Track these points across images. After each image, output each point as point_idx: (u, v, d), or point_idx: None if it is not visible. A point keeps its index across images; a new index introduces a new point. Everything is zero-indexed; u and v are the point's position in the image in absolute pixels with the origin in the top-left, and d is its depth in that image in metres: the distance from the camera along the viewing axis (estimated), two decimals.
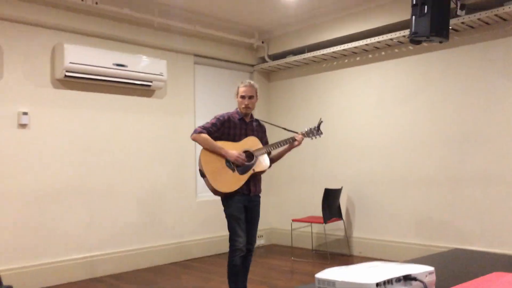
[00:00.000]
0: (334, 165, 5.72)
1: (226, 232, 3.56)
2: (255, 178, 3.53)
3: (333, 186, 5.57)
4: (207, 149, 3.42)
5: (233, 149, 3.42)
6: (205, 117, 5.74)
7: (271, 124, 3.98)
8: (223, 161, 3.41)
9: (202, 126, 3.45)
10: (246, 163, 3.43)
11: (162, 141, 5.29)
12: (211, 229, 5.67)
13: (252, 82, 3.61)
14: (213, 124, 3.46)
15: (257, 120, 3.69)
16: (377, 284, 1.21)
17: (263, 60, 6.32)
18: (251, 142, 3.52)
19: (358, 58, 5.52)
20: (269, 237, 6.38)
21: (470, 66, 4.60)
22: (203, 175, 3.40)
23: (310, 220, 5.30)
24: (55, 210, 4.42)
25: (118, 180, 4.88)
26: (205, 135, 3.41)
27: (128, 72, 4.73)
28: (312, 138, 3.65)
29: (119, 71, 4.66)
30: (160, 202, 5.24)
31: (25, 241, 4.22)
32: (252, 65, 6.33)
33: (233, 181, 3.40)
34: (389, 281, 1.25)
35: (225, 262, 5.13)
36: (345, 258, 5.33)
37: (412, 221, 4.99)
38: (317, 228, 5.84)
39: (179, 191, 5.42)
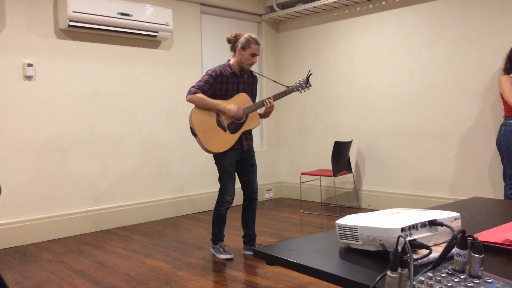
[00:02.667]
0: (344, 118, 5.63)
1: (235, 185, 3.60)
2: (247, 133, 3.58)
3: (343, 139, 5.51)
4: (202, 108, 3.40)
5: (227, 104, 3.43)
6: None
7: (262, 75, 4.00)
8: (215, 119, 3.42)
9: (196, 86, 3.41)
10: (237, 121, 3.48)
11: (169, 93, 5.20)
12: (217, 182, 5.66)
13: None
14: (206, 82, 3.41)
15: (250, 71, 3.62)
16: (402, 229, 1.16)
17: (271, 9, 6.10)
18: (242, 99, 3.51)
19: (371, 6, 5.30)
20: (278, 191, 6.39)
21: (490, 12, 4.39)
22: (194, 134, 3.41)
23: (320, 173, 5.27)
24: (63, 162, 4.41)
25: (125, 132, 4.84)
26: (200, 95, 3.38)
27: (132, 21, 4.58)
28: (301, 91, 3.60)
29: (123, 20, 4.51)
30: (168, 154, 5.21)
31: (33, 193, 4.24)
32: (260, 15, 6.12)
33: (225, 141, 3.45)
34: (414, 226, 1.20)
35: (233, 215, 5.18)
36: (355, 210, 5.34)
37: (423, 174, 4.94)
38: (326, 181, 5.82)
39: (188, 144, 5.38)
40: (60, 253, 3.85)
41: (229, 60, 3.55)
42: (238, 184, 3.66)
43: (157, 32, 4.83)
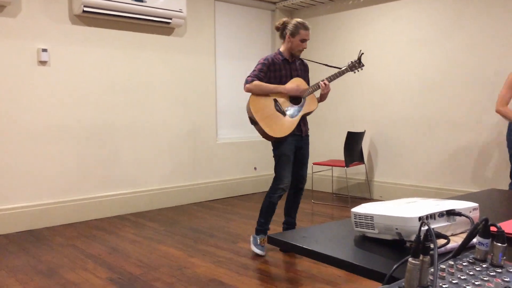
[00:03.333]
0: (357, 108, 5.58)
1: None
2: (304, 119, 3.54)
3: (356, 129, 5.47)
4: (260, 94, 3.36)
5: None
6: (225, 56, 5.64)
7: (313, 61, 3.91)
8: (273, 106, 3.38)
9: (252, 75, 3.38)
10: (296, 105, 3.43)
11: (182, 81, 5.20)
12: (231, 171, 5.69)
13: None
14: (260, 70, 3.38)
15: (300, 59, 3.58)
16: (420, 218, 1.14)
17: None
18: (297, 83, 3.45)
19: None
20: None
21: (508, 5, 4.30)
22: (254, 122, 3.36)
23: (332, 163, 5.25)
24: (76, 148, 4.44)
25: (138, 119, 4.86)
26: (256, 81, 3.34)
27: (146, 8, 4.57)
28: (355, 72, 3.54)
29: (137, 6, 4.50)
30: (181, 142, 5.22)
31: (46, 178, 4.28)
32: (275, 3, 6.06)
33: (286, 126, 3.38)
34: (432, 216, 1.18)
35: (245, 203, 5.20)
36: (366, 201, 5.32)
37: (436, 166, 4.89)
38: (338, 171, 5.80)
39: (200, 132, 5.38)
40: (73, 238, 3.89)
41: (279, 48, 3.52)
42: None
43: (170, 19, 4.81)
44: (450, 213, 1.21)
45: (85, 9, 4.23)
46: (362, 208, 1.33)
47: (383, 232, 1.23)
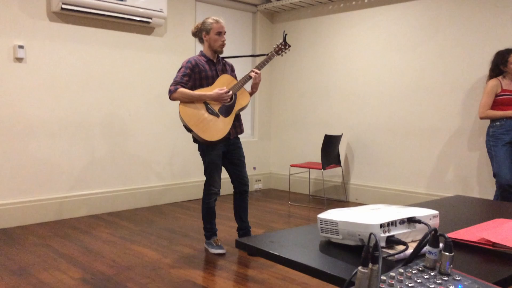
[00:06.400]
0: (335, 112, 5.66)
1: (225, 175, 3.59)
2: (238, 117, 3.51)
3: (333, 132, 5.54)
4: (187, 102, 3.30)
5: (210, 91, 3.34)
6: None
7: (235, 56, 3.90)
8: (204, 109, 3.32)
9: (174, 82, 3.31)
10: (227, 104, 3.38)
11: (161, 80, 5.18)
12: None
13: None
14: (183, 75, 3.32)
15: (223, 59, 3.56)
16: (381, 225, 1.19)
17: (267, 0, 6.09)
18: (225, 80, 3.42)
19: (366, 1, 5.30)
20: (267, 182, 6.42)
21: (481, 12, 4.42)
22: (188, 129, 3.32)
23: (309, 165, 5.31)
24: (51, 145, 4.40)
25: (115, 117, 4.83)
26: (180, 89, 3.27)
27: (126, 7, 4.55)
28: (282, 54, 3.55)
29: (117, 5, 4.48)
30: (158, 141, 5.21)
31: (21, 176, 4.23)
32: (256, 5, 6.10)
33: (221, 126, 3.34)
34: (393, 223, 1.23)
35: (224, 204, 5.21)
36: (342, 204, 5.39)
37: (411, 170, 5.00)
38: (315, 174, 5.86)
39: (178, 132, 5.38)
40: (47, 237, 3.86)
41: (201, 50, 3.50)
42: (225, 174, 3.66)
43: (150, 18, 4.80)
44: (411, 220, 1.26)
45: (64, 6, 4.19)
46: (328, 214, 1.37)
47: (346, 238, 1.27)
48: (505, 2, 4.28)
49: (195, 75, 3.35)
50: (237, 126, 3.52)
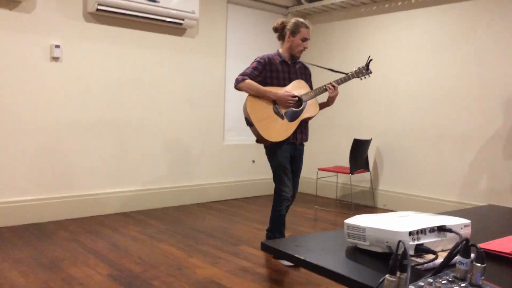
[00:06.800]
0: (365, 116, 5.58)
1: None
2: (302, 125, 3.39)
3: (362, 137, 5.47)
4: (253, 94, 3.22)
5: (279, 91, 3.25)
6: (236, 59, 5.67)
7: (316, 65, 3.73)
8: (271, 108, 3.24)
9: (243, 73, 3.25)
10: (295, 109, 3.29)
11: (191, 81, 5.24)
12: (237, 173, 5.72)
13: None
14: (254, 68, 3.25)
15: (300, 62, 3.46)
16: (410, 233, 1.16)
17: (298, 2, 6.07)
18: (298, 86, 3.33)
19: (399, 3, 5.22)
20: None
21: None
22: (250, 123, 3.23)
23: (337, 170, 5.26)
24: (84, 144, 4.50)
25: (147, 117, 4.91)
26: (248, 80, 3.21)
27: (159, 8, 4.62)
28: (361, 78, 3.44)
29: (151, 6, 4.56)
30: (188, 142, 5.27)
31: (54, 173, 4.34)
32: (287, 7, 6.09)
33: (283, 129, 3.25)
34: (423, 231, 1.20)
35: (249, 206, 5.22)
36: (370, 210, 5.32)
37: (442, 178, 4.88)
38: (343, 178, 5.80)
39: (207, 133, 5.42)
40: (77, 233, 3.95)
41: (278, 49, 3.39)
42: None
43: (183, 19, 4.86)
44: (441, 229, 1.23)
45: (99, 7, 4.29)
46: (355, 220, 1.35)
47: (374, 244, 1.25)
48: None
49: (266, 73, 3.27)
50: (304, 133, 3.44)
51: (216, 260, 3.34)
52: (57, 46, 4.24)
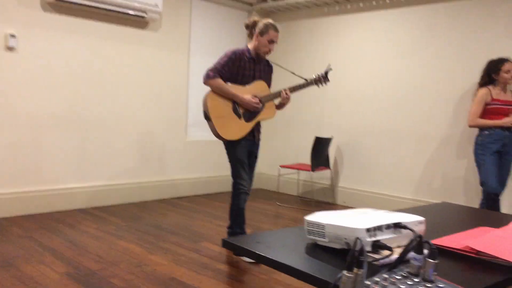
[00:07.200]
0: (327, 114, 5.67)
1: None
2: (258, 124, 3.51)
3: (323, 135, 5.55)
4: (218, 93, 3.30)
5: (243, 93, 3.33)
6: (199, 54, 5.63)
7: (280, 66, 3.80)
8: (230, 106, 3.33)
9: (214, 69, 3.28)
10: (252, 110, 3.40)
11: (154, 76, 5.16)
12: (199, 169, 5.69)
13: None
14: (224, 65, 3.29)
15: (266, 60, 3.52)
16: (367, 230, 1.19)
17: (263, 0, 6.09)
18: (259, 87, 3.42)
19: (361, 4, 5.32)
20: (255, 182, 6.38)
21: (476, 21, 4.46)
22: (208, 118, 3.30)
23: (298, 167, 5.32)
24: (40, 138, 4.36)
25: (110, 112, 4.80)
26: (219, 80, 3.27)
27: (121, 0, 4.52)
28: (319, 86, 3.55)
29: None
30: (150, 137, 5.19)
31: (8, 167, 4.18)
32: (251, 4, 6.10)
33: (239, 129, 3.36)
34: (379, 228, 1.23)
35: (212, 202, 5.21)
36: (330, 206, 5.41)
37: (399, 176, 5.03)
38: (304, 175, 5.88)
39: (170, 129, 5.36)
40: (32, 229, 3.82)
41: (247, 45, 3.43)
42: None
43: (145, 12, 4.78)
44: (397, 226, 1.27)
45: None
46: (315, 217, 1.37)
47: (333, 241, 1.28)
48: (500, 12, 4.33)
49: (234, 69, 3.32)
50: (259, 130, 3.57)
51: (177, 257, 3.31)
52: (13, 36, 4.07)
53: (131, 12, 4.67)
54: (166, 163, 5.38)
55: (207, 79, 3.29)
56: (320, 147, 5.17)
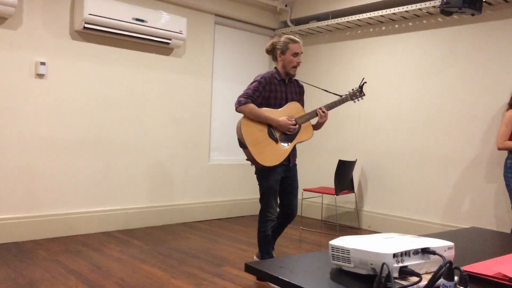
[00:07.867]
0: (350, 137, 5.63)
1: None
2: (294, 148, 3.38)
3: (347, 158, 5.50)
4: (252, 119, 3.19)
5: (278, 116, 3.23)
6: (222, 79, 5.70)
7: (311, 85, 3.70)
8: (265, 130, 3.22)
9: (246, 94, 3.20)
10: (290, 133, 3.29)
11: (178, 100, 5.24)
12: (221, 193, 5.69)
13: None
14: (255, 89, 3.21)
15: (296, 80, 3.46)
16: (394, 255, 1.16)
17: (285, 25, 6.16)
18: (294, 108, 3.32)
19: (383, 28, 5.33)
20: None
21: (500, 43, 4.40)
22: (243, 146, 3.18)
23: (322, 190, 5.26)
24: (67, 162, 4.44)
25: (133, 137, 4.87)
26: (251, 105, 3.17)
27: (147, 28, 4.64)
28: (355, 101, 3.46)
29: (138, 26, 4.57)
30: (173, 161, 5.23)
31: (35, 191, 4.26)
32: (274, 29, 6.17)
33: (277, 154, 3.22)
34: (407, 253, 1.19)
35: (234, 226, 5.18)
36: (354, 231, 5.31)
37: (426, 200, 4.92)
38: (328, 199, 5.81)
39: (192, 153, 5.40)
40: (57, 252, 3.86)
41: (275, 67, 3.38)
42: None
43: (170, 39, 4.88)
44: (425, 251, 1.23)
45: (86, 25, 4.29)
46: (340, 241, 1.34)
47: (358, 266, 1.24)
48: None
49: (265, 93, 3.25)
50: (295, 154, 3.45)
51: (199, 282, 3.28)
52: (43, 63, 4.21)
53: (156, 39, 4.78)
54: (189, 186, 5.40)
55: (239, 105, 3.20)
56: (344, 170, 5.12)
